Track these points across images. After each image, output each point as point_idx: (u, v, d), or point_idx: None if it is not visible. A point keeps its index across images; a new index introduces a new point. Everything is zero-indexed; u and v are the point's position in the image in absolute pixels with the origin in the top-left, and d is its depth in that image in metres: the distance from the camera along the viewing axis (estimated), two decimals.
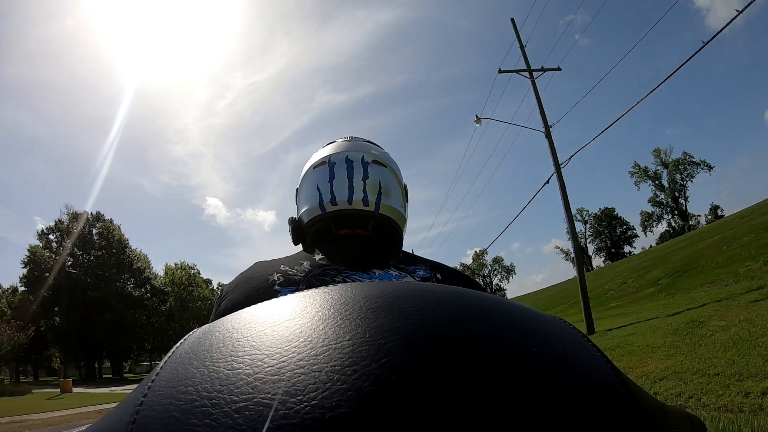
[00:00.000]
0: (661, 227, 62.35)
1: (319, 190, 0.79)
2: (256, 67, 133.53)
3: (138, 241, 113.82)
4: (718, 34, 7.80)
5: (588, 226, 72.74)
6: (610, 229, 70.64)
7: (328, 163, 0.81)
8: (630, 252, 67.59)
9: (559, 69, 12.19)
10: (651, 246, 53.87)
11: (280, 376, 0.22)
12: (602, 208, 72.31)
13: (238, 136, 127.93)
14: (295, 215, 0.87)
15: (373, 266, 0.67)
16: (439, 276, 0.70)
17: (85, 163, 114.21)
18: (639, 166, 61.33)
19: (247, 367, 0.23)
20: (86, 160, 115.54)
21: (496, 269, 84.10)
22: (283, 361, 0.23)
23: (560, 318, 0.32)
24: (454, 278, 0.70)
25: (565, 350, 0.27)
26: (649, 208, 61.40)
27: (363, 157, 0.81)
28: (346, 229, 0.79)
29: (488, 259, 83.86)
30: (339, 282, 0.62)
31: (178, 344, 0.29)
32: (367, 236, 0.79)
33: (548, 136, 11.37)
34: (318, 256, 0.70)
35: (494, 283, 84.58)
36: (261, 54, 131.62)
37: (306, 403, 0.21)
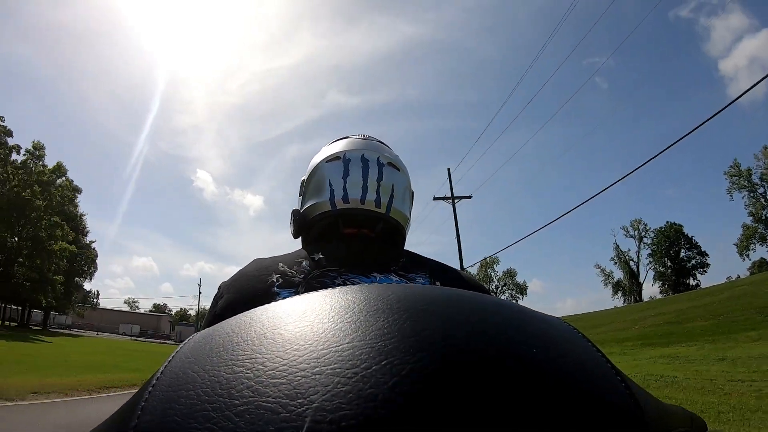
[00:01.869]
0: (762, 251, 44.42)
1: (331, 185, 0.76)
2: (275, 53, 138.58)
3: (117, 200, 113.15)
4: None
5: (643, 243, 56.96)
6: (674, 251, 54.52)
7: (342, 159, 0.77)
8: (697, 284, 51.63)
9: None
10: (738, 277, 38.93)
11: (280, 380, 0.22)
12: (668, 222, 55.82)
13: (244, 119, 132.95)
14: (298, 206, 0.84)
15: (374, 269, 0.66)
16: (438, 283, 0.68)
17: (85, 112, 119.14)
18: (739, 167, 44.53)
19: (248, 371, 0.23)
20: (86, 109, 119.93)
21: (506, 284, 70.56)
22: (284, 365, 0.23)
23: (560, 319, 0.32)
24: (460, 283, 0.70)
25: (566, 351, 0.27)
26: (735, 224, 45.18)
27: (379, 158, 0.78)
28: (353, 228, 0.77)
29: (499, 269, 71.46)
30: (339, 284, 0.62)
31: (179, 348, 0.29)
32: (371, 237, 0.78)
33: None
34: (318, 256, 0.67)
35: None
36: (283, 41, 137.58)
37: (307, 406, 0.21)
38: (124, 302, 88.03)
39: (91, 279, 45.33)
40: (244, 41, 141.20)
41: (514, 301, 0.27)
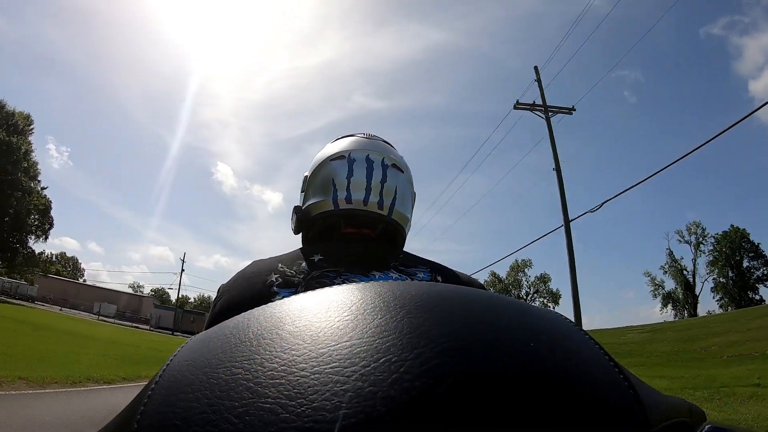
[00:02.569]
0: None
1: (334, 184, 0.76)
2: (303, 53, 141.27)
3: (138, 188, 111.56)
4: None
5: (700, 250, 49.74)
6: (736, 260, 47.69)
7: (347, 158, 0.78)
8: (761, 299, 45.00)
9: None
10: None
11: (279, 380, 0.22)
12: (732, 226, 48.89)
13: (268, 116, 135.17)
14: (300, 203, 0.85)
15: (373, 269, 0.66)
16: (439, 278, 0.69)
17: (112, 100, 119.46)
18: None
19: (246, 372, 0.23)
20: (114, 97, 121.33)
21: (538, 290, 63.12)
22: (283, 365, 0.23)
23: (558, 313, 0.32)
24: (456, 280, 0.70)
25: (564, 345, 0.27)
26: None
27: (383, 159, 0.79)
28: (353, 228, 0.78)
29: (531, 274, 64.61)
30: (338, 284, 0.63)
31: (177, 351, 0.29)
32: (372, 237, 0.78)
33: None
34: (317, 257, 0.68)
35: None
36: (311, 41, 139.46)
37: (306, 406, 0.21)
38: (129, 286, 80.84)
39: (45, 237, 35.96)
40: (272, 39, 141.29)
41: (511, 297, 0.33)
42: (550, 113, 12.47)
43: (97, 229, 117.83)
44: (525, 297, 62.20)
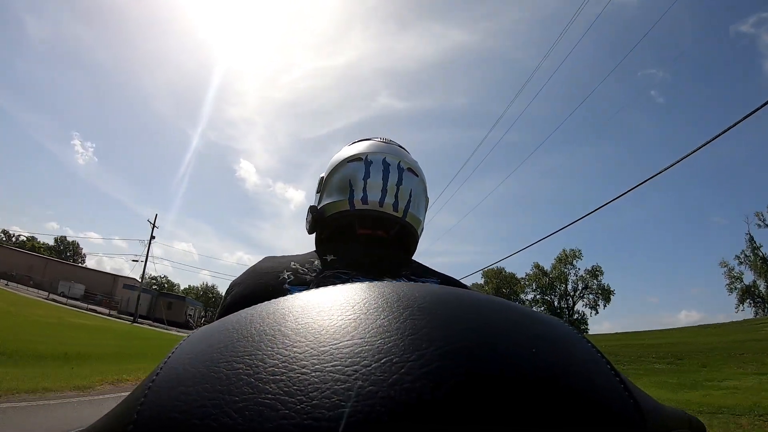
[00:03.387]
0: None
1: (351, 185, 0.78)
2: (327, 52, 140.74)
3: (163, 185, 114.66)
4: None
5: None
6: None
7: (364, 160, 0.79)
8: None
9: None
10: None
11: (280, 377, 0.22)
12: None
13: (293, 114, 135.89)
14: (315, 203, 0.86)
15: (385, 274, 0.67)
16: None
17: (140, 97, 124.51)
18: None
19: (247, 368, 0.23)
20: (141, 94, 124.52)
21: (587, 285, 54.99)
22: (284, 362, 0.23)
23: (560, 320, 0.32)
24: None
25: (565, 351, 0.27)
26: None
27: (399, 162, 0.80)
28: (368, 229, 0.79)
29: (580, 266, 57.42)
30: None
31: (178, 344, 0.29)
32: (386, 238, 0.79)
33: None
34: (330, 257, 0.69)
35: (577, 308, 55.31)
36: (335, 41, 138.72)
37: (306, 403, 0.21)
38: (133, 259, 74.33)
39: None
40: (296, 39, 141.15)
41: (514, 303, 0.32)
42: None
43: (120, 224, 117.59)
44: (572, 293, 56.21)
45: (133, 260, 35.52)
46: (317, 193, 0.87)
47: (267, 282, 0.62)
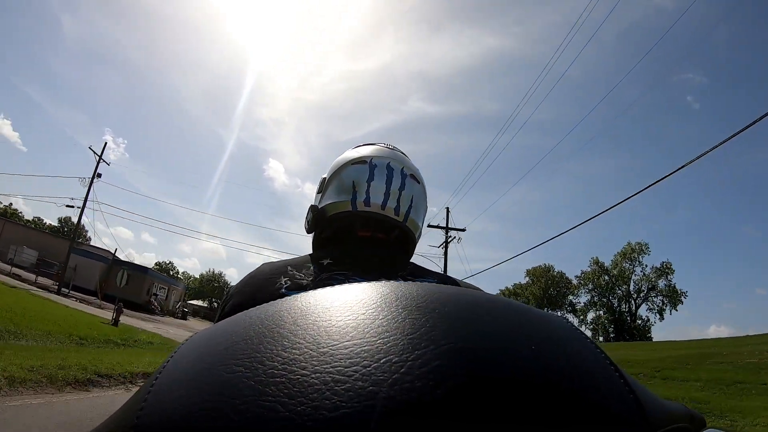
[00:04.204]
0: None
1: (354, 187, 0.79)
2: (359, 54, 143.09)
3: (193, 183, 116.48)
4: None
5: None
6: None
7: (369, 163, 0.81)
8: None
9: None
10: None
11: (280, 378, 0.22)
12: None
13: (323, 117, 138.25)
14: (315, 203, 0.86)
15: (382, 276, 0.67)
16: None
17: (172, 98, 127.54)
18: None
19: (247, 370, 0.23)
20: (173, 95, 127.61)
21: (653, 286, 46.93)
22: (284, 363, 0.23)
23: (561, 317, 0.32)
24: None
25: (566, 349, 0.27)
26: None
27: (403, 168, 0.82)
28: (368, 231, 0.80)
29: (647, 263, 48.37)
30: None
31: (178, 348, 0.29)
32: (385, 240, 0.81)
33: None
34: (326, 261, 0.69)
35: (641, 313, 48.29)
36: (367, 43, 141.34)
37: (307, 405, 0.21)
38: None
39: None
40: (329, 41, 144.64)
41: (514, 300, 0.32)
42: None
43: (150, 220, 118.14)
44: (635, 295, 48.37)
45: (68, 206, 23.78)
46: (318, 193, 0.88)
47: (265, 289, 0.63)
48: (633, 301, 49.46)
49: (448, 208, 20.65)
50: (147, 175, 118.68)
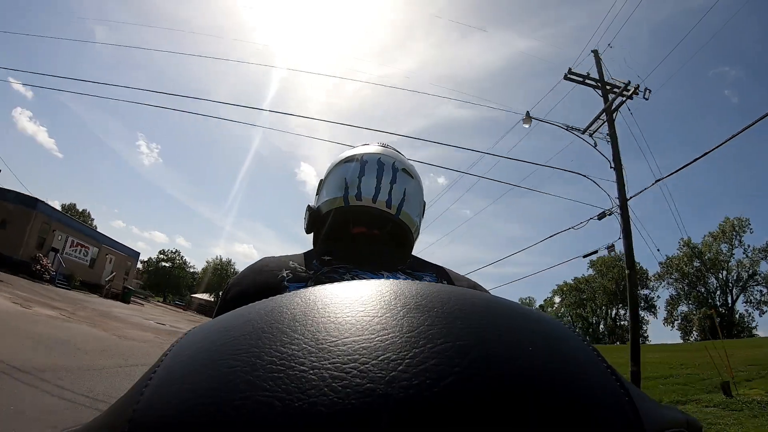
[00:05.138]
0: None
1: (346, 183, 0.80)
2: (389, 59, 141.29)
3: (228, 189, 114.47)
4: None
5: None
6: None
7: (360, 160, 0.82)
8: None
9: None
10: None
11: (278, 374, 0.22)
12: None
13: (357, 121, 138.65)
14: (313, 204, 0.89)
15: (382, 268, 0.68)
16: (445, 283, 0.71)
17: (201, 102, 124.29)
18: None
19: (245, 365, 0.23)
20: (205, 102, 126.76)
21: (753, 273, 35.69)
22: (282, 359, 0.23)
23: (558, 319, 0.32)
24: (461, 284, 0.72)
25: (562, 350, 0.27)
26: None
27: (394, 163, 0.83)
28: (363, 227, 0.80)
29: (750, 242, 36.83)
30: (347, 280, 0.64)
31: (174, 342, 0.29)
32: (381, 237, 0.80)
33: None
34: (327, 257, 0.70)
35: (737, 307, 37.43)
36: (397, 48, 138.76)
37: (304, 401, 0.21)
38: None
39: None
40: (360, 46, 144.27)
41: (513, 301, 0.32)
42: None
43: (183, 224, 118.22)
44: (730, 286, 37.27)
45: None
46: (316, 195, 0.90)
47: (266, 280, 0.64)
48: (729, 292, 38.69)
49: (595, 51, 9.86)
50: (180, 179, 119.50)
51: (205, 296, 56.68)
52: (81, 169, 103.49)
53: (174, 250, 68.97)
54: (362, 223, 0.80)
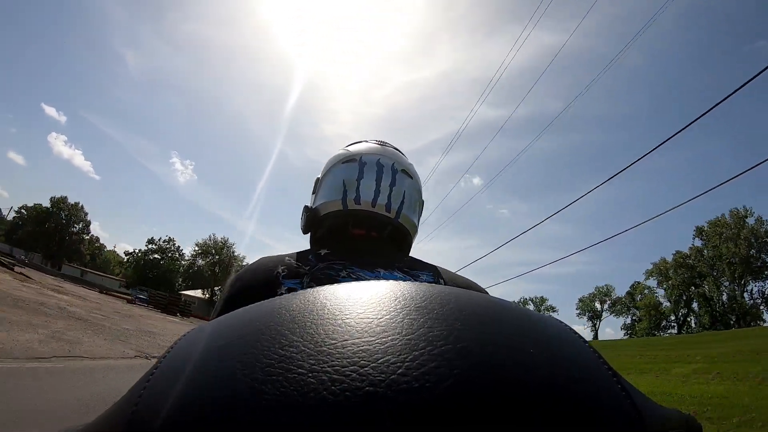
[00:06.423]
0: None
1: (344, 185, 0.78)
2: (417, 65, 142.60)
3: (261, 200, 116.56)
4: None
5: None
6: None
7: (358, 161, 0.80)
8: None
9: None
10: None
11: (276, 377, 0.22)
12: None
13: (387, 129, 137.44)
14: (309, 204, 0.87)
15: (378, 266, 0.68)
16: (442, 282, 0.71)
17: (237, 121, 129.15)
18: None
19: (244, 367, 0.23)
20: (236, 115, 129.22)
21: None
22: (281, 362, 0.23)
23: (558, 320, 0.32)
24: (458, 284, 0.72)
25: (563, 352, 0.27)
26: None
27: (393, 164, 0.81)
28: (361, 230, 0.79)
29: None
30: (343, 276, 0.65)
31: (174, 343, 0.29)
32: (379, 240, 0.79)
33: None
34: (323, 251, 0.70)
35: None
36: (424, 53, 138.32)
37: (303, 404, 0.21)
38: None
39: None
40: (387, 54, 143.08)
41: (511, 302, 0.32)
42: None
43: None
44: None
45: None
46: (312, 194, 0.88)
47: (263, 276, 0.64)
48: None
49: None
50: (215, 195, 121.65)
51: (192, 293, 50.28)
52: (120, 189, 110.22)
53: (167, 238, 59.41)
54: (361, 226, 0.78)
